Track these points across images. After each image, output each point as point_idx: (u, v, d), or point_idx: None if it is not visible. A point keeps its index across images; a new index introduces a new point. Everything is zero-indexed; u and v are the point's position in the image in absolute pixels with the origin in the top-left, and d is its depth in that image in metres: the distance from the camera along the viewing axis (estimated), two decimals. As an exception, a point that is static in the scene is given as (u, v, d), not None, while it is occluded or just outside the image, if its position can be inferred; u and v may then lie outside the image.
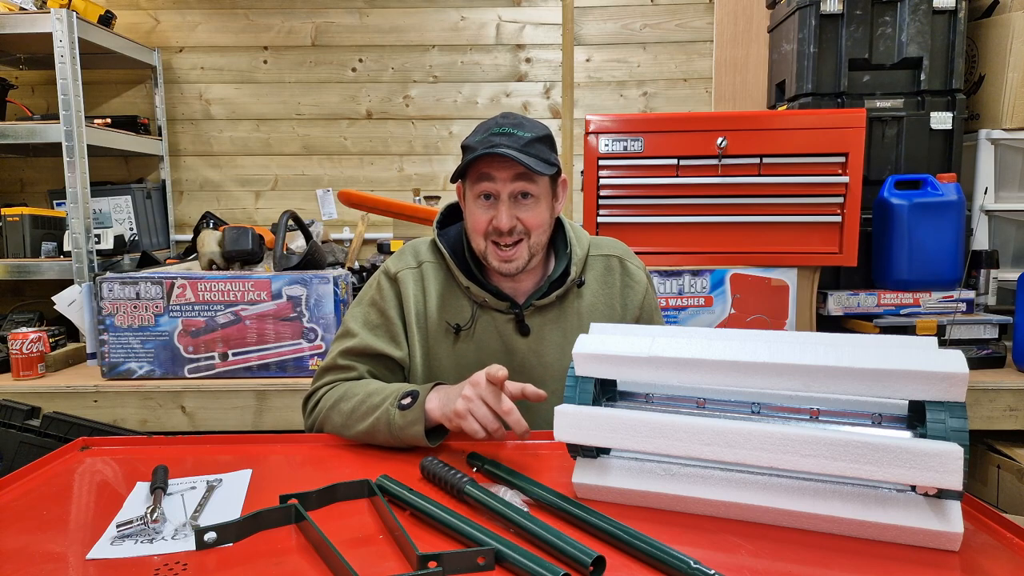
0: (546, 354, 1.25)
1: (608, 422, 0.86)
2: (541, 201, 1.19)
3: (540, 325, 1.25)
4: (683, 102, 2.91)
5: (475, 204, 1.19)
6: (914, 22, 2.08)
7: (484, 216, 1.18)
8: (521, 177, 1.16)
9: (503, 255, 1.19)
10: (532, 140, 1.15)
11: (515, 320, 1.24)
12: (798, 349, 0.82)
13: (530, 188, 1.17)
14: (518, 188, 1.16)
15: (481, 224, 1.18)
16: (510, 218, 1.16)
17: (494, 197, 1.17)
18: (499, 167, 1.15)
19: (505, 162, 1.14)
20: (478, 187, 1.18)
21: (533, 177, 1.16)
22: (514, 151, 1.12)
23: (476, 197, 1.19)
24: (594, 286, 1.29)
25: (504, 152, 1.11)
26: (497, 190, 1.16)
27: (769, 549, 0.77)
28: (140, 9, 2.91)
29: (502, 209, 1.16)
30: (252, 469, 1.02)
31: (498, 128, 1.16)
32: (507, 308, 1.24)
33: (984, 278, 2.12)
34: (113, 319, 1.81)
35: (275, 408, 1.84)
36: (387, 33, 2.91)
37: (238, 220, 2.96)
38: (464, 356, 1.25)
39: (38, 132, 2.28)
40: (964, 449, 0.72)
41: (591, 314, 1.27)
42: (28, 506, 0.91)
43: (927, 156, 2.13)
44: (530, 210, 1.18)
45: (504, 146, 1.12)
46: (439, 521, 0.80)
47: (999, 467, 1.84)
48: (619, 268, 1.30)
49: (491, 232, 1.18)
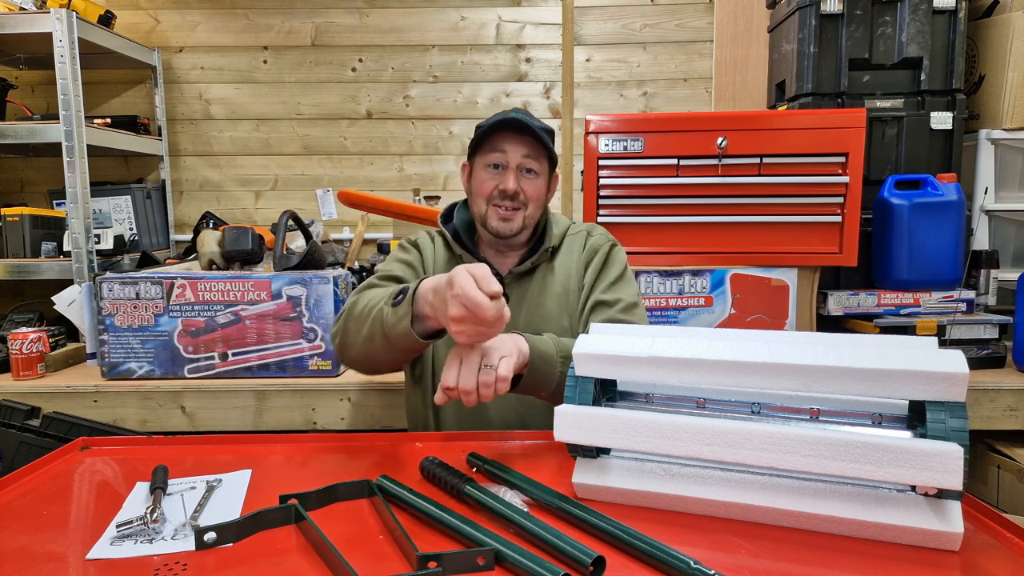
0: (521, 319, 1.37)
1: (608, 422, 0.86)
2: (541, 179, 1.37)
3: (518, 294, 1.40)
4: (683, 102, 2.91)
5: (484, 172, 1.36)
6: (914, 22, 2.08)
7: (491, 182, 1.35)
8: (530, 154, 1.34)
9: (503, 214, 1.35)
10: (541, 128, 1.35)
11: None
12: (798, 349, 0.82)
13: (534, 166, 1.35)
14: (525, 163, 1.34)
15: (487, 188, 1.35)
16: (515, 183, 1.33)
17: (502, 167, 1.35)
18: (511, 141, 1.33)
19: (518, 138, 1.33)
20: (489, 157, 1.35)
21: (538, 157, 1.35)
22: (530, 125, 1.31)
23: (486, 166, 1.36)
24: (562, 256, 1.44)
25: (521, 120, 1.30)
26: (507, 160, 1.34)
27: (769, 549, 0.77)
28: (140, 9, 2.91)
29: (510, 175, 1.33)
30: (252, 469, 1.02)
31: (514, 112, 1.35)
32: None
33: (984, 278, 2.12)
34: (113, 319, 1.81)
35: (275, 408, 1.84)
36: (387, 33, 2.91)
37: (238, 220, 2.96)
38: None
39: (38, 132, 2.28)
40: (964, 449, 0.72)
41: (557, 277, 1.41)
42: (28, 506, 0.91)
43: (927, 156, 2.13)
44: (532, 183, 1.36)
45: (521, 118, 1.31)
46: (439, 521, 0.80)
47: (999, 467, 1.84)
48: (583, 239, 1.46)
49: (495, 196, 1.34)
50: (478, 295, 0.95)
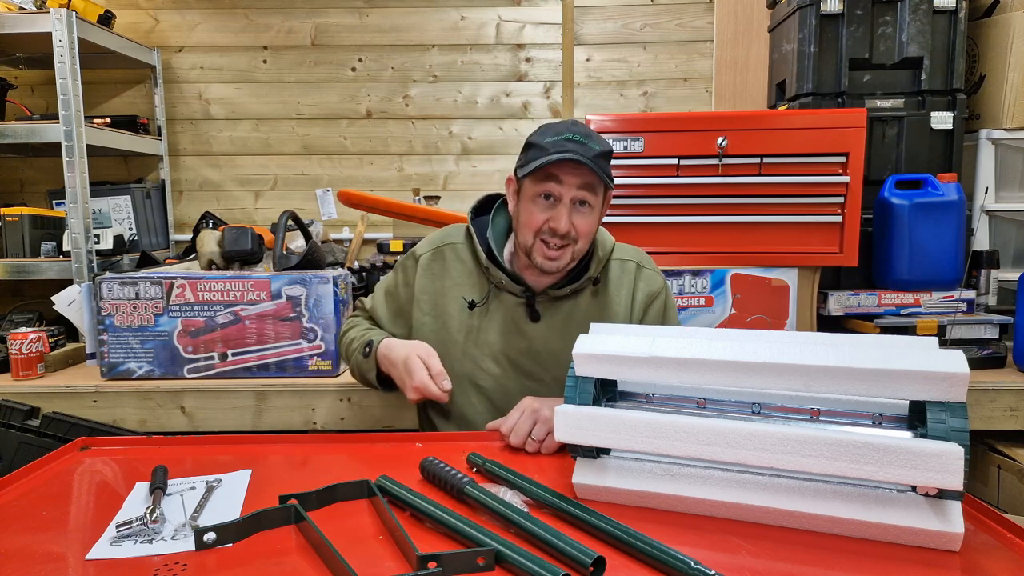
0: (552, 341, 1.32)
1: (608, 422, 0.86)
2: (595, 212, 1.27)
3: (551, 314, 1.33)
4: (683, 102, 2.91)
5: (533, 203, 1.25)
6: (914, 22, 2.07)
7: (542, 215, 1.24)
8: (585, 187, 1.22)
9: (550, 254, 1.25)
10: (599, 153, 1.21)
11: (526, 305, 1.33)
12: (798, 349, 0.82)
13: (590, 198, 1.24)
14: (580, 196, 1.23)
15: (537, 222, 1.24)
16: (568, 222, 1.22)
17: (555, 199, 1.23)
18: (568, 172, 1.21)
19: (575, 169, 1.20)
20: (542, 186, 1.23)
21: (595, 189, 1.24)
22: (587, 160, 1.18)
23: (536, 196, 1.24)
24: (608, 286, 1.36)
25: (580, 160, 1.17)
26: (561, 193, 1.22)
27: (769, 549, 0.77)
28: (140, 9, 2.90)
29: (562, 212, 1.22)
30: (252, 469, 1.02)
31: (571, 135, 1.21)
32: (521, 292, 1.33)
33: (985, 278, 2.12)
34: (112, 319, 1.81)
35: (275, 408, 1.84)
36: (387, 33, 2.91)
37: (237, 220, 2.96)
38: (475, 330, 1.34)
39: (38, 132, 2.27)
40: (965, 449, 0.72)
41: (601, 310, 1.34)
42: (28, 506, 0.91)
43: (927, 156, 2.13)
44: (585, 218, 1.25)
45: (578, 154, 1.18)
46: (439, 521, 0.80)
47: (999, 467, 1.84)
48: (634, 271, 1.38)
49: (544, 231, 1.24)
50: (436, 392, 1.20)
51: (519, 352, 1.33)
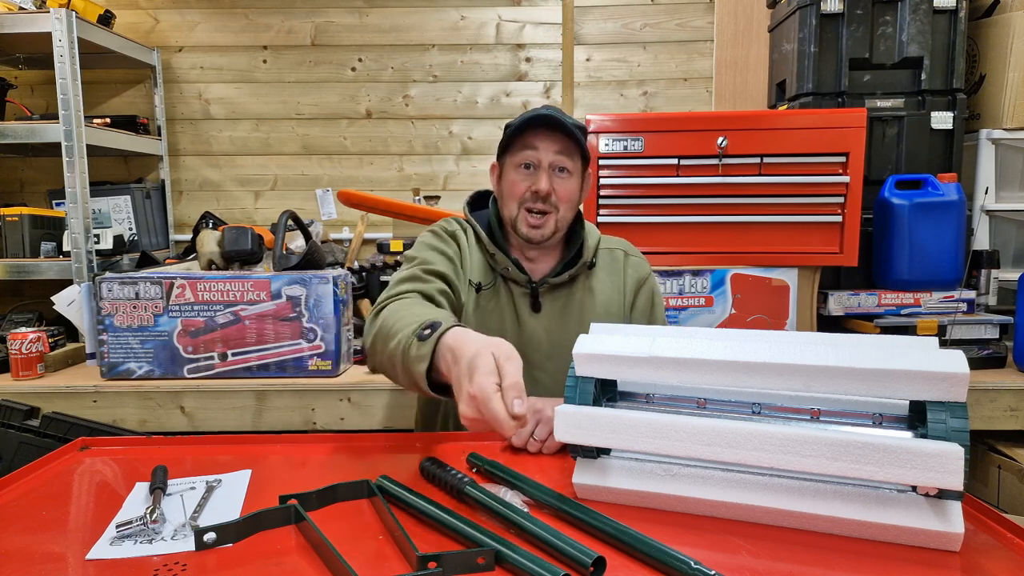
0: (553, 331, 1.35)
1: (608, 422, 0.86)
2: (574, 178, 1.31)
3: (551, 304, 1.36)
4: (683, 102, 2.90)
5: (515, 173, 1.30)
6: (915, 22, 2.07)
7: (523, 183, 1.28)
8: (563, 152, 1.27)
9: (533, 221, 1.29)
10: (573, 124, 1.28)
11: (530, 295, 1.35)
12: (799, 349, 0.82)
13: (567, 164, 1.28)
14: (558, 161, 1.28)
15: (519, 189, 1.29)
16: (548, 184, 1.27)
17: (534, 166, 1.28)
18: (544, 138, 1.27)
19: (550, 135, 1.26)
20: (521, 155, 1.28)
21: (571, 155, 1.29)
22: (561, 121, 1.25)
23: (517, 166, 1.29)
24: (600, 274, 1.40)
25: (553, 117, 1.24)
26: (539, 158, 1.27)
27: (770, 549, 0.77)
28: (139, 9, 2.90)
29: (542, 175, 1.27)
30: (251, 469, 1.02)
31: (545, 109, 1.29)
32: (525, 283, 1.34)
33: (985, 278, 2.12)
34: (112, 319, 1.81)
35: (275, 408, 1.84)
36: (387, 33, 2.91)
37: (237, 220, 2.96)
38: (481, 317, 1.34)
39: (37, 132, 2.27)
40: (965, 449, 0.71)
41: (597, 297, 1.38)
42: (27, 506, 0.91)
43: (928, 156, 2.13)
44: (564, 183, 1.29)
45: (552, 118, 1.25)
46: (439, 521, 0.80)
47: (1000, 467, 1.84)
48: (623, 258, 1.43)
49: (527, 198, 1.28)
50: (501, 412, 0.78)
51: (522, 343, 1.33)
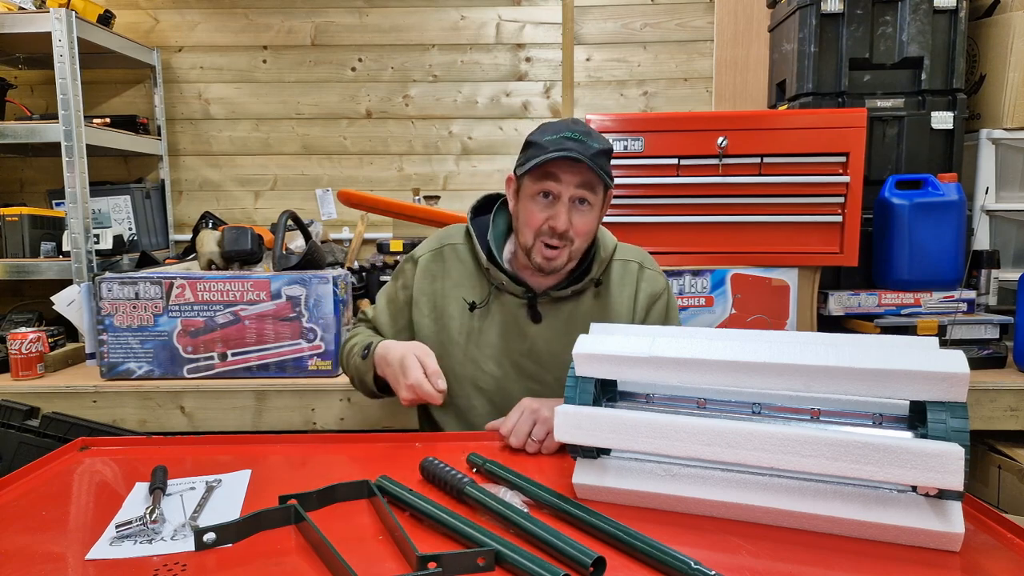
0: (554, 342, 1.32)
1: (608, 422, 0.86)
2: (594, 211, 1.26)
3: (553, 315, 1.33)
4: (683, 102, 2.90)
5: (532, 201, 1.24)
6: (915, 22, 2.07)
7: (541, 214, 1.23)
8: (584, 185, 1.21)
9: (547, 254, 1.24)
10: (599, 152, 1.20)
11: (527, 306, 1.33)
12: (799, 349, 0.82)
13: (589, 197, 1.23)
14: (579, 194, 1.22)
15: (537, 221, 1.23)
16: (567, 221, 1.21)
17: (554, 197, 1.22)
18: (567, 170, 1.20)
19: (573, 167, 1.19)
20: (541, 185, 1.22)
21: (594, 187, 1.23)
22: (585, 159, 1.17)
23: (535, 194, 1.23)
24: (610, 287, 1.35)
25: (577, 157, 1.16)
26: (560, 191, 1.21)
27: (770, 549, 0.77)
28: (139, 9, 2.90)
29: (561, 210, 1.21)
30: (251, 469, 1.02)
31: (570, 133, 1.20)
32: (522, 293, 1.32)
33: (985, 278, 2.12)
34: (112, 319, 1.81)
35: (274, 408, 1.83)
36: (387, 33, 2.91)
37: (237, 220, 2.95)
38: (476, 332, 1.34)
39: (37, 132, 2.27)
40: (965, 449, 0.71)
41: (603, 311, 1.33)
42: (27, 506, 0.91)
43: (928, 156, 2.13)
44: (584, 216, 1.24)
45: (577, 152, 1.17)
46: (439, 522, 0.80)
47: (1000, 467, 1.84)
48: (636, 271, 1.37)
49: (544, 231, 1.23)
50: (430, 390, 1.15)
51: (520, 353, 1.33)
